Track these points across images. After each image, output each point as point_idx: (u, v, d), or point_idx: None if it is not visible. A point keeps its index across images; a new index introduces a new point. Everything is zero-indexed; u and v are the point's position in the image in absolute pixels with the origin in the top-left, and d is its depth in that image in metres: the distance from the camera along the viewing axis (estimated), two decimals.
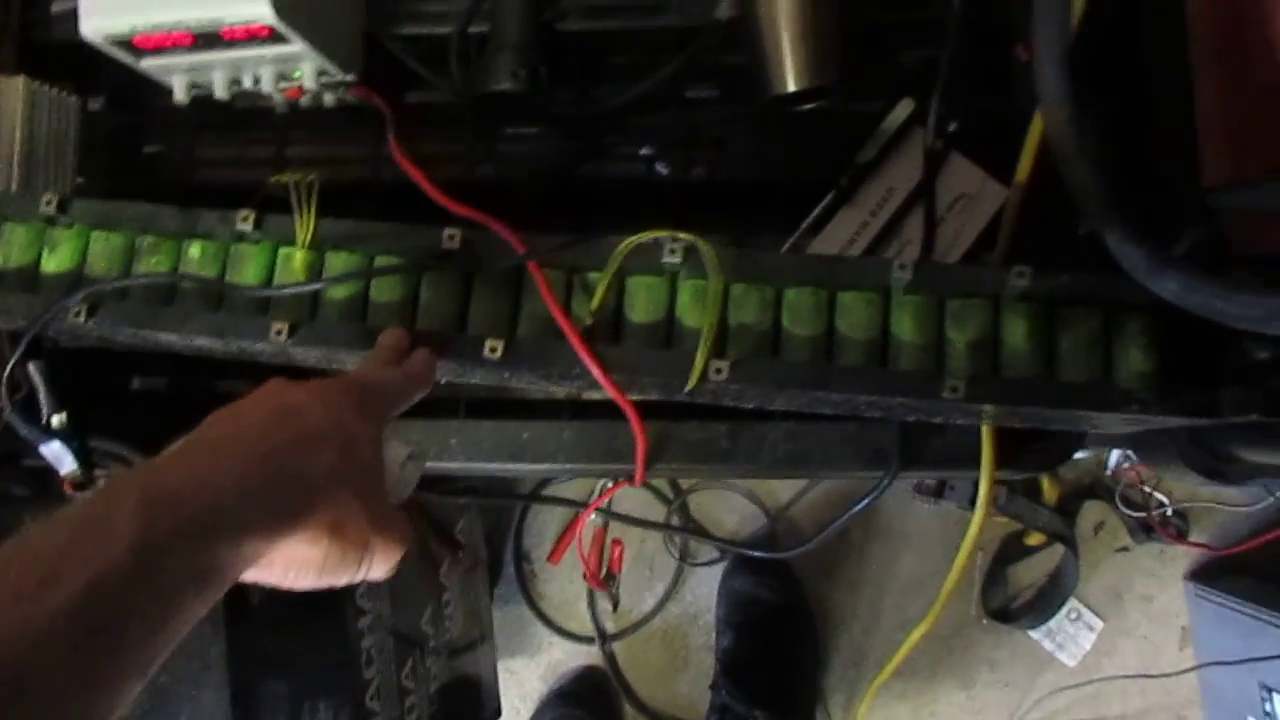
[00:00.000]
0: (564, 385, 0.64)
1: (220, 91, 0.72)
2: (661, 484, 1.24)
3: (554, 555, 1.24)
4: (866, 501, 0.75)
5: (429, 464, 0.74)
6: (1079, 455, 1.19)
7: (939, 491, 1.19)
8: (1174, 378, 0.56)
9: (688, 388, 0.54)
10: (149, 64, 0.69)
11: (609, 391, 0.55)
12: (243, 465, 0.41)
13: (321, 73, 0.72)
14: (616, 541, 0.95)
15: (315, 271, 0.59)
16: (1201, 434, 0.69)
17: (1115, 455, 1.20)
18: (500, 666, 1.21)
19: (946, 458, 0.71)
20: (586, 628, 1.26)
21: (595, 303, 0.56)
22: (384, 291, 0.58)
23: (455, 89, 0.76)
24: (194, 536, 0.37)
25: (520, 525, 1.26)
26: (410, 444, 0.51)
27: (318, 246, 0.59)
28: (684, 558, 1.24)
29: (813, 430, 0.71)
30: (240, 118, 0.80)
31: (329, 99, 0.75)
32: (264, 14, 0.62)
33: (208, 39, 0.66)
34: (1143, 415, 0.53)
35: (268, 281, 0.60)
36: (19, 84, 0.74)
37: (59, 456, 0.68)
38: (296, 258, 0.58)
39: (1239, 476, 0.70)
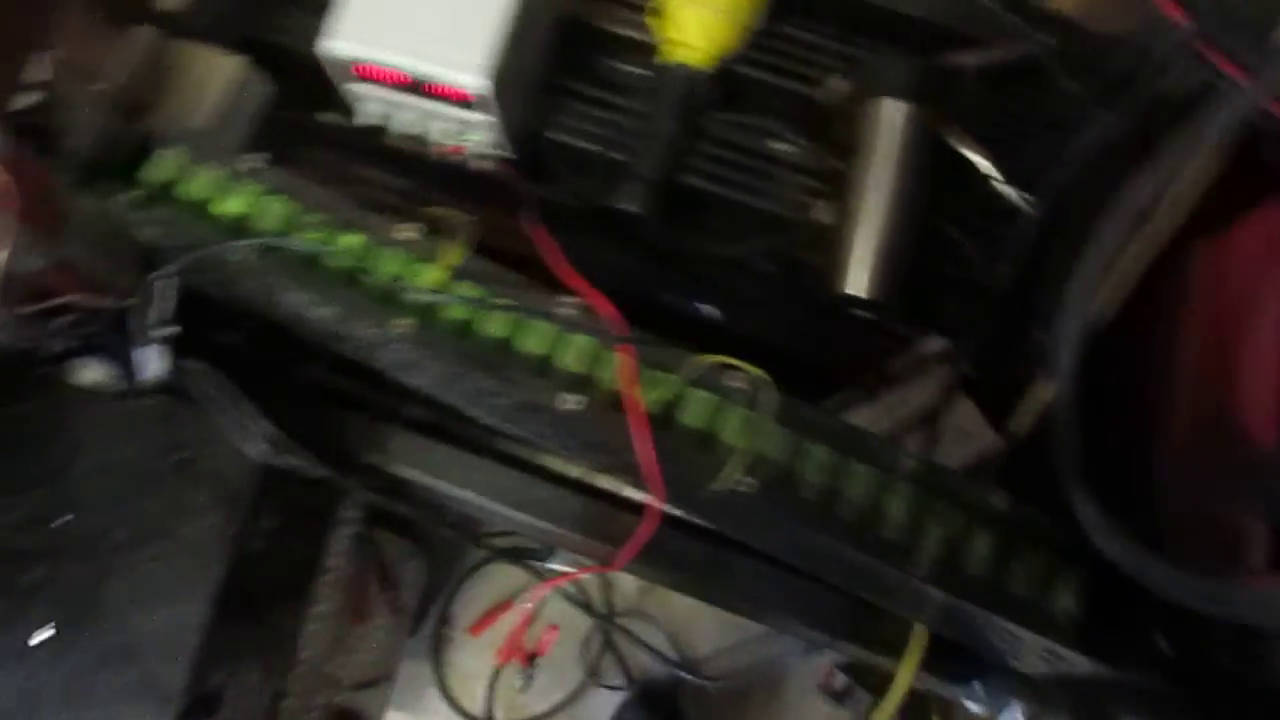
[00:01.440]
0: (602, 457, 0.74)
1: (402, 129, 0.84)
2: (596, 600, 1.30)
3: (477, 627, 1.29)
4: (786, 649, 0.83)
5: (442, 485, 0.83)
6: (974, 708, 1.27)
7: (842, 696, 1.26)
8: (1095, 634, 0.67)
9: (715, 486, 0.64)
10: (354, 87, 0.82)
11: (645, 466, 0.65)
12: None
13: (492, 145, 0.84)
14: (553, 627, 1.02)
15: (441, 290, 0.69)
16: (1091, 694, 0.79)
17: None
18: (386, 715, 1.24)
19: (879, 642, 0.81)
20: (477, 707, 1.30)
21: (661, 395, 0.67)
22: (491, 325, 0.69)
23: (581, 194, 0.90)
24: None
25: (455, 590, 1.32)
26: None
27: (450, 273, 0.70)
28: (593, 674, 1.29)
29: (777, 576, 0.81)
30: (390, 153, 0.93)
31: (477, 165, 0.88)
32: (483, 86, 0.76)
33: (416, 86, 0.79)
34: (1059, 645, 0.64)
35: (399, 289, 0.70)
36: (236, 64, 0.86)
37: (144, 362, 0.76)
38: (432, 274, 0.69)
39: None
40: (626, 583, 1.33)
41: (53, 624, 0.70)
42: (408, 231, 0.69)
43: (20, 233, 0.69)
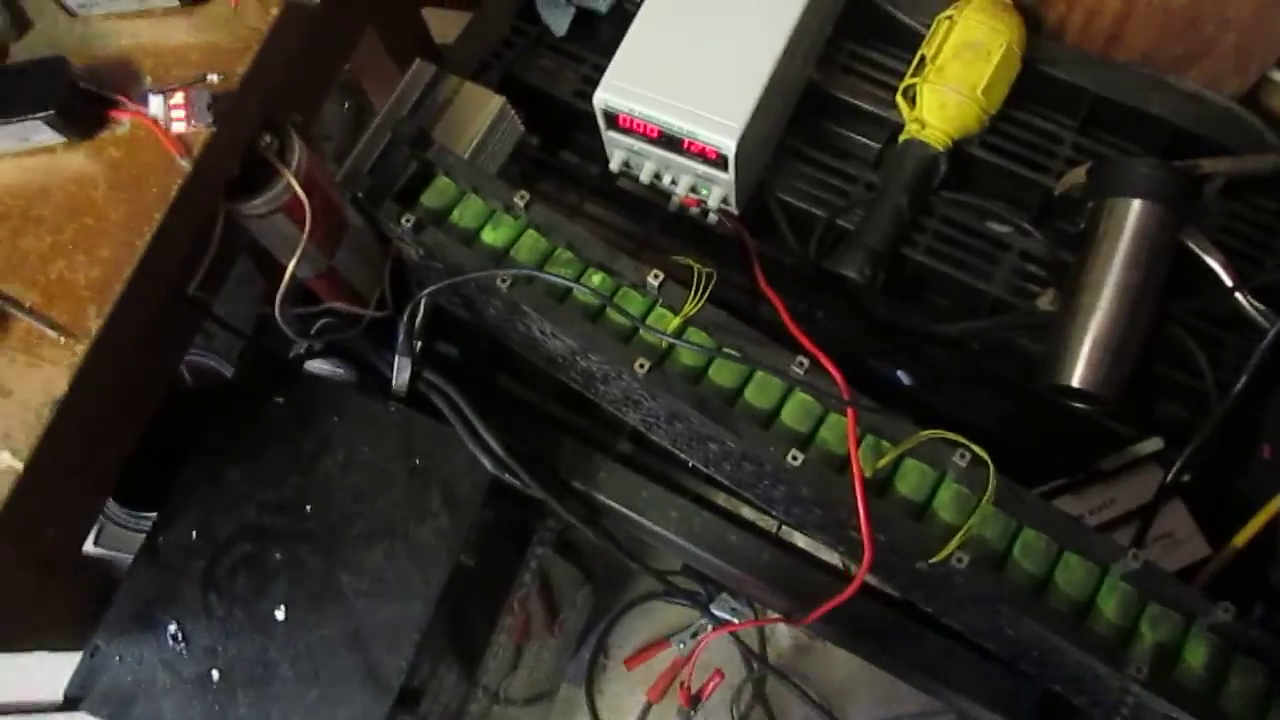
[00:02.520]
0: (814, 514, 0.76)
1: (644, 177, 0.90)
2: (751, 642, 1.31)
3: (633, 660, 1.32)
4: None
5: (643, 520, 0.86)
6: None
7: None
8: None
9: (933, 559, 0.65)
10: (613, 135, 0.88)
11: (863, 527, 0.66)
12: None
13: (724, 199, 0.89)
14: (718, 671, 1.04)
15: (678, 336, 0.73)
16: None
17: None
18: None
19: None
20: None
21: (882, 462, 0.68)
22: (721, 375, 0.72)
23: (805, 257, 0.93)
24: None
25: (615, 620, 1.35)
26: None
27: (687, 320, 0.73)
28: None
29: (966, 656, 0.81)
30: (624, 197, 0.99)
31: (711, 219, 0.92)
32: (728, 146, 0.80)
33: (670, 141, 0.84)
34: None
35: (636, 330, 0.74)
36: (498, 102, 0.93)
37: (400, 370, 0.83)
38: (671, 321, 0.73)
39: None
40: (783, 641, 1.33)
41: (284, 605, 0.77)
42: (653, 276, 0.73)
43: (306, 243, 0.77)
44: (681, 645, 1.32)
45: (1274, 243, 0.90)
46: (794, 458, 0.68)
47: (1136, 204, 0.82)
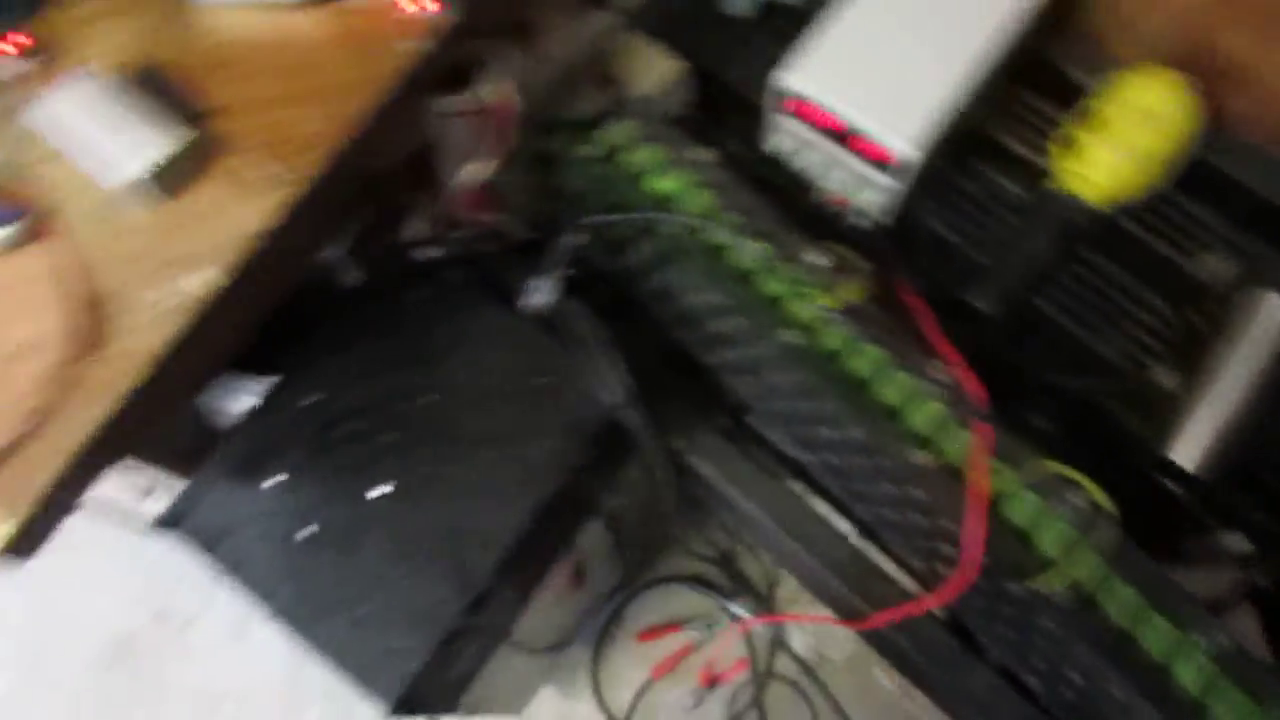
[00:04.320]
0: (916, 516, 0.77)
1: (797, 165, 0.92)
2: (760, 656, 1.32)
3: (647, 635, 1.34)
4: None
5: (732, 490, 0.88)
6: None
7: None
8: None
9: (1033, 585, 0.67)
10: (784, 121, 0.89)
11: (975, 545, 0.68)
12: None
13: (877, 205, 0.91)
14: (742, 661, 1.06)
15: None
16: None
17: None
18: None
19: None
20: (619, 708, 1.34)
21: (1003, 485, 0.70)
22: (858, 363, 0.74)
23: (932, 278, 0.94)
24: None
25: (635, 593, 1.37)
26: None
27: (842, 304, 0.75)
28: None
29: (1013, 696, 0.82)
30: (765, 183, 1.00)
31: (857, 220, 0.94)
32: (914, 156, 0.82)
33: (839, 135, 0.86)
34: None
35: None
36: (674, 65, 0.95)
37: (543, 290, 0.86)
38: (830, 298, 0.75)
39: None
40: (795, 651, 1.34)
41: (393, 482, 0.79)
42: (814, 256, 0.75)
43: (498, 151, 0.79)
44: (695, 633, 1.34)
45: None
46: (921, 457, 0.70)
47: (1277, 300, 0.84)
